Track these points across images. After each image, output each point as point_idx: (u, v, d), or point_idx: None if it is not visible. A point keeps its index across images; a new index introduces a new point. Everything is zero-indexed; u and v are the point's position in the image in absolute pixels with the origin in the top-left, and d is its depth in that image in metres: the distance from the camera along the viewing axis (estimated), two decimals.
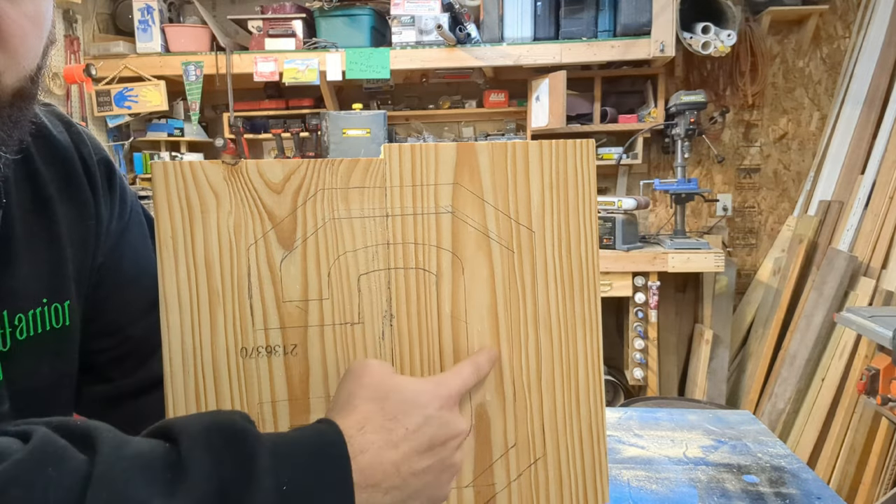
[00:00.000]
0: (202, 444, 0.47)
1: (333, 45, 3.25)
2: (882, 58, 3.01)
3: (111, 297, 0.76)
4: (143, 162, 3.51)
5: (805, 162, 3.51)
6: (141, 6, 3.30)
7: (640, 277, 2.95)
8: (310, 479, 0.49)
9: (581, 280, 0.63)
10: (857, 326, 2.00)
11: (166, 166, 0.57)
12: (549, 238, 0.62)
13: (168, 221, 0.57)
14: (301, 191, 0.58)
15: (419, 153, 0.60)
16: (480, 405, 0.62)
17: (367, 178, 0.59)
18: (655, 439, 1.22)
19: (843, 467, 2.42)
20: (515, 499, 0.63)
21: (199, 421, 0.49)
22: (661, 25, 3.01)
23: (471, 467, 0.62)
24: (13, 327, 0.64)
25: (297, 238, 0.58)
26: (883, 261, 2.60)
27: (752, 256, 3.59)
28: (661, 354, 3.23)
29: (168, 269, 0.57)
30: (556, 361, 0.63)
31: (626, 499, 1.00)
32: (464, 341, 0.61)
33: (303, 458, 0.49)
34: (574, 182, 0.62)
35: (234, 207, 0.57)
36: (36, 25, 0.55)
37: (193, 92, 3.31)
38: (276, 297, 0.58)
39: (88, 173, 0.73)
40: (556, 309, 0.63)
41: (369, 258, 0.60)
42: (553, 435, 0.63)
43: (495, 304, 0.62)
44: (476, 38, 3.16)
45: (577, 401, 0.64)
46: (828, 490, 1.03)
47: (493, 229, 0.61)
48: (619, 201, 3.06)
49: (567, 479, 0.64)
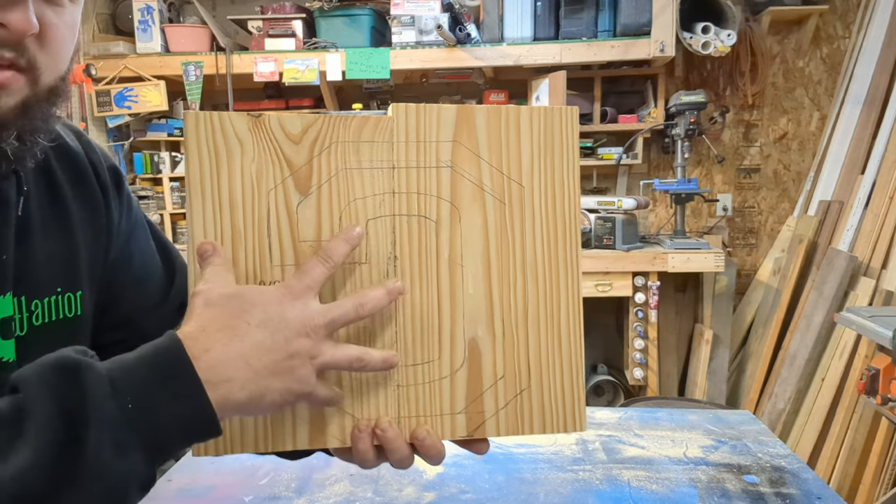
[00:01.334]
0: (38, 386, 0.50)
1: (333, 46, 3.25)
2: (882, 58, 3.01)
3: (124, 293, 0.81)
4: (143, 162, 3.51)
5: (805, 162, 3.51)
6: (141, 6, 3.30)
7: (640, 277, 2.95)
8: (153, 389, 0.52)
9: (564, 230, 0.70)
10: (857, 326, 2.00)
11: (198, 116, 0.62)
12: (537, 192, 0.69)
13: (197, 165, 0.62)
14: (317, 142, 0.64)
15: (423, 113, 0.66)
16: (472, 340, 0.68)
17: (377, 134, 0.66)
18: (656, 439, 1.22)
19: (843, 467, 2.42)
20: (503, 425, 0.69)
21: (36, 366, 0.52)
22: (661, 25, 3.01)
23: (463, 396, 0.68)
24: (30, 312, 0.68)
25: (313, 185, 0.64)
26: (883, 261, 2.60)
27: (752, 256, 3.59)
28: (661, 354, 3.23)
29: (196, 209, 0.62)
30: (540, 302, 0.69)
31: (626, 499, 1.00)
32: (459, 282, 0.68)
33: (142, 371, 0.52)
34: (560, 143, 0.70)
35: (257, 155, 0.63)
36: (72, 33, 0.64)
37: (193, 92, 3.31)
38: (293, 237, 0.64)
39: (98, 177, 0.79)
40: (542, 255, 0.69)
41: (377, 205, 0.66)
42: (537, 368, 0.69)
43: (488, 249, 0.68)
44: (476, 38, 3.16)
45: (559, 338, 0.70)
46: (828, 490, 1.03)
47: (488, 183, 0.68)
48: (619, 201, 3.06)
49: (549, 408, 0.70)
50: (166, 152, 3.51)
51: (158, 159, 3.49)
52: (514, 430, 0.69)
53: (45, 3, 0.61)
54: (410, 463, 0.67)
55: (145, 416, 0.51)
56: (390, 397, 0.66)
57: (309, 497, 1.03)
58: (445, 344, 0.68)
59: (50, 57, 0.62)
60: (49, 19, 0.61)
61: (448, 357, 0.68)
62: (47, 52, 0.62)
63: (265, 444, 0.64)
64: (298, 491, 1.04)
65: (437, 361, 0.67)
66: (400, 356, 0.66)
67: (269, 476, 1.09)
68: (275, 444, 0.64)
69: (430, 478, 1.08)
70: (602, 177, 3.59)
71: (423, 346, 0.67)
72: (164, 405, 0.52)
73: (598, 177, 3.57)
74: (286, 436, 0.64)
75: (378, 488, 1.05)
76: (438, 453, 0.67)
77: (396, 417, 0.66)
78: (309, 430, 0.65)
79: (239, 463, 1.13)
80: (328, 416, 0.65)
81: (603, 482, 1.06)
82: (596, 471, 1.10)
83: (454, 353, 0.68)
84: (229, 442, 0.63)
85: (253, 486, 1.06)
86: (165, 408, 0.52)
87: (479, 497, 1.02)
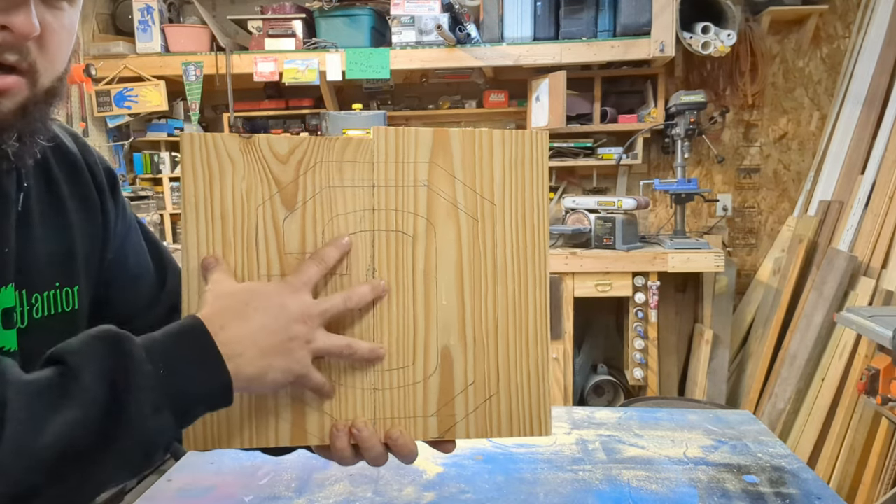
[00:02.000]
0: (85, 353, 0.57)
1: (333, 46, 3.25)
2: (882, 58, 3.01)
3: (119, 293, 0.84)
4: (142, 162, 3.51)
5: (805, 162, 3.51)
6: (141, 6, 3.30)
7: (640, 277, 2.95)
8: (181, 358, 0.59)
9: (533, 244, 0.74)
10: (857, 326, 2.00)
11: (193, 137, 0.68)
12: (508, 210, 0.74)
13: (192, 182, 0.68)
14: (303, 162, 0.69)
15: (402, 136, 0.72)
16: (445, 348, 0.73)
17: (359, 154, 0.71)
18: (656, 439, 1.22)
19: (843, 467, 2.42)
20: (472, 428, 0.73)
21: (79, 338, 0.59)
22: (661, 25, 3.01)
23: (435, 400, 0.73)
24: (30, 305, 0.71)
25: (299, 201, 0.70)
26: (883, 261, 2.60)
27: (752, 256, 3.59)
28: (661, 354, 3.24)
29: (190, 221, 0.68)
30: (510, 312, 0.74)
31: (626, 499, 1.00)
32: (433, 293, 0.72)
33: (170, 343, 0.60)
34: (529, 165, 0.74)
35: (247, 173, 0.69)
36: (70, 35, 0.66)
37: (193, 92, 3.31)
38: (279, 249, 0.69)
39: (95, 179, 0.81)
40: (512, 268, 0.74)
41: (357, 220, 0.71)
42: (506, 375, 0.74)
43: (461, 262, 0.73)
44: (476, 38, 3.16)
45: (527, 346, 0.74)
46: (828, 490, 1.03)
47: (462, 201, 0.73)
48: (619, 201, 3.06)
49: (516, 413, 0.74)
50: (166, 152, 3.51)
51: (158, 159, 3.49)
52: (482, 433, 0.74)
53: (45, 7, 0.62)
54: (384, 461, 0.72)
55: (175, 382, 0.58)
56: (367, 400, 0.71)
57: (309, 497, 1.03)
58: (420, 351, 0.72)
59: (49, 59, 0.64)
60: (48, 22, 0.62)
61: (422, 363, 0.72)
62: (46, 54, 0.63)
63: (251, 440, 0.69)
64: (298, 491, 1.04)
65: (412, 367, 0.72)
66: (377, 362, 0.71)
67: (270, 476, 1.09)
68: (259, 440, 0.69)
69: (430, 478, 1.08)
70: (602, 177, 3.59)
71: (399, 352, 0.72)
72: (191, 372, 0.59)
73: (598, 177, 3.57)
74: (270, 433, 0.69)
75: (378, 488, 1.05)
76: (411, 452, 0.72)
77: (372, 418, 0.71)
78: (291, 429, 0.70)
79: (239, 463, 1.14)
80: (309, 416, 0.70)
81: (603, 482, 1.06)
82: (596, 471, 1.10)
83: (427, 360, 0.72)
84: (217, 437, 0.68)
85: (253, 486, 1.06)
86: (191, 375, 0.59)
87: (479, 497, 1.02)
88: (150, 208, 3.33)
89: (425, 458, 1.16)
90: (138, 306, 0.85)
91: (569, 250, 3.03)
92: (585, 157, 3.42)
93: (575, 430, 1.27)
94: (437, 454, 1.17)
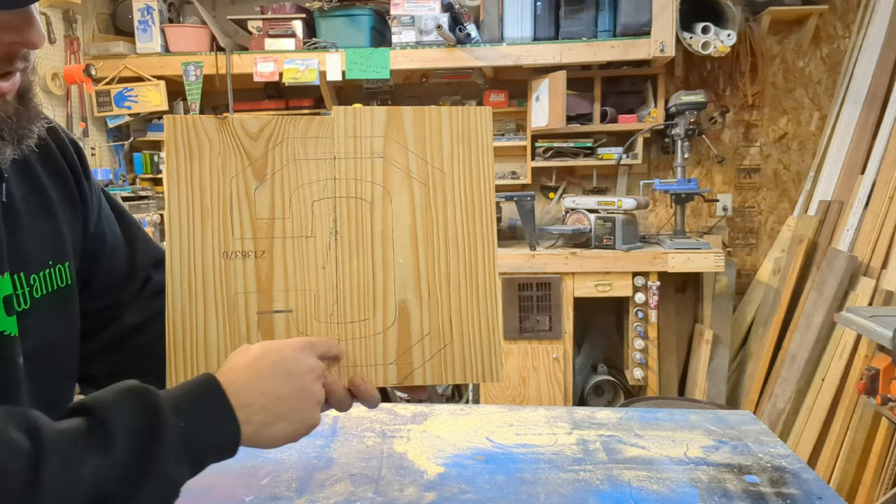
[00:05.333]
0: (114, 407, 0.62)
1: (333, 46, 3.25)
2: (882, 58, 3.01)
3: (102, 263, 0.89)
4: (142, 162, 3.51)
5: (805, 162, 3.51)
6: (141, 6, 3.30)
7: (640, 277, 2.95)
8: (199, 411, 0.66)
9: (480, 208, 0.81)
10: (857, 326, 2.00)
11: (175, 119, 0.78)
12: (457, 177, 0.81)
13: (174, 158, 0.77)
14: (272, 138, 0.79)
15: (359, 113, 0.80)
16: (402, 302, 0.80)
17: (321, 130, 0.79)
18: (656, 439, 1.22)
19: (843, 467, 2.42)
20: (428, 374, 0.81)
21: (108, 392, 0.64)
22: (661, 25, 3.01)
23: (394, 349, 0.80)
24: (30, 286, 0.75)
25: (268, 173, 0.78)
26: (883, 261, 2.60)
27: (752, 256, 3.59)
28: (661, 354, 3.24)
29: (172, 193, 0.77)
30: (461, 268, 0.81)
31: (627, 499, 1.00)
32: (391, 252, 0.80)
33: (190, 396, 0.66)
34: (476, 137, 0.82)
35: (223, 149, 0.78)
36: None
37: (193, 92, 3.31)
38: (251, 215, 0.78)
39: (66, 157, 0.85)
40: (461, 229, 0.81)
41: (321, 189, 0.79)
42: (458, 326, 0.81)
43: (415, 225, 0.80)
44: (476, 38, 3.16)
45: (477, 300, 0.81)
46: (829, 490, 1.03)
47: (414, 170, 0.80)
48: (619, 201, 3.06)
49: (469, 360, 0.81)
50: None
51: (158, 159, 3.49)
52: (438, 379, 0.81)
53: None
54: (348, 406, 0.79)
55: (193, 435, 0.65)
56: None
57: (310, 497, 1.03)
58: (379, 305, 0.80)
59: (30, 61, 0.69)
60: None
61: (381, 316, 0.80)
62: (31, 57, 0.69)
63: None
64: (299, 491, 1.04)
65: (372, 320, 0.80)
66: (340, 315, 0.79)
67: (270, 476, 1.09)
68: None
69: (430, 478, 1.08)
70: (602, 177, 3.59)
71: (360, 306, 0.80)
72: (208, 428, 0.66)
73: (598, 177, 3.57)
74: None
75: (379, 488, 1.05)
76: (372, 397, 0.80)
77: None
78: None
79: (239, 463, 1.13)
80: None
81: (604, 482, 1.06)
82: (597, 471, 1.10)
83: (386, 313, 0.80)
84: (197, 366, 0.77)
85: (253, 486, 1.06)
86: (208, 429, 0.66)
87: (480, 497, 1.02)
88: (150, 208, 3.32)
89: (426, 459, 1.16)
90: (117, 277, 0.91)
91: (569, 250, 3.03)
92: (585, 157, 3.42)
93: (576, 430, 1.27)
94: (437, 454, 1.18)
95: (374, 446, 1.19)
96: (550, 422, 1.32)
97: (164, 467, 0.62)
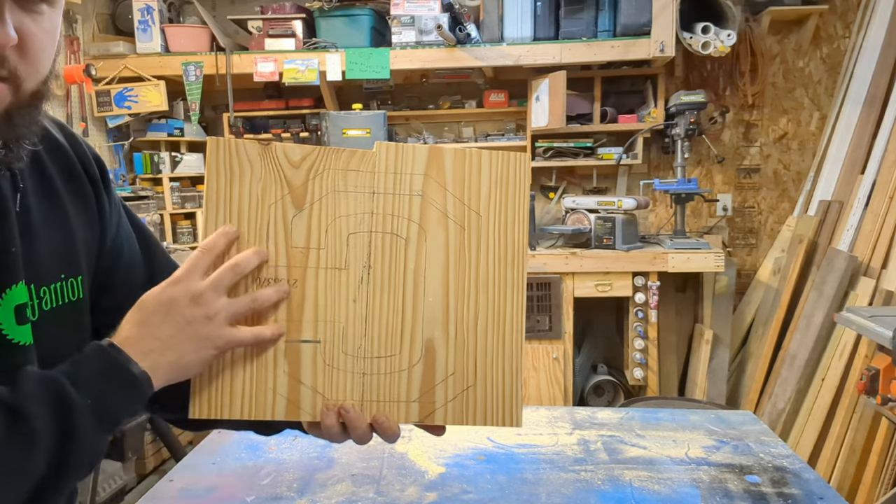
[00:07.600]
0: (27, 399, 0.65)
1: (333, 46, 3.25)
2: (882, 58, 3.01)
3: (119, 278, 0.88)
4: (142, 162, 3.51)
5: (805, 162, 3.51)
6: (141, 6, 3.29)
7: (640, 277, 2.95)
8: (102, 384, 0.68)
9: (513, 253, 0.81)
10: (857, 326, 2.00)
11: (218, 141, 0.77)
12: (492, 221, 0.81)
13: (215, 181, 0.77)
14: (313, 168, 0.78)
15: (401, 150, 0.80)
16: (429, 340, 0.80)
17: (362, 164, 0.79)
18: (657, 440, 1.22)
19: (843, 467, 2.42)
20: (450, 415, 0.80)
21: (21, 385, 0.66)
22: (661, 25, 3.01)
23: (418, 387, 0.80)
24: (39, 298, 0.75)
25: (307, 202, 0.78)
26: (883, 261, 2.60)
27: (752, 256, 3.59)
28: (661, 354, 3.24)
29: (211, 216, 0.77)
30: (489, 312, 0.81)
31: (628, 499, 1.00)
32: (421, 290, 0.80)
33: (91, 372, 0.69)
34: (513, 183, 0.81)
35: (263, 175, 0.77)
36: (51, 38, 0.67)
37: (193, 92, 3.31)
38: (287, 243, 0.78)
39: (87, 171, 0.84)
40: (493, 273, 0.81)
41: (357, 222, 0.79)
42: (483, 369, 0.81)
43: (447, 265, 0.80)
44: (476, 38, 3.16)
45: (503, 344, 0.81)
46: (830, 490, 1.03)
47: (451, 211, 0.80)
48: (619, 201, 3.06)
49: (490, 404, 0.81)
50: (166, 152, 3.50)
51: (158, 159, 3.49)
52: (459, 420, 0.81)
53: (23, 13, 0.63)
54: (369, 440, 0.79)
55: (104, 408, 0.68)
56: (356, 383, 0.79)
57: (311, 497, 1.03)
58: (406, 342, 0.79)
59: (30, 65, 0.65)
60: (27, 28, 0.63)
61: (407, 353, 0.79)
62: (27, 60, 0.64)
63: (250, 412, 0.77)
64: (300, 491, 1.04)
65: (398, 356, 0.79)
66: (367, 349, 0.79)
67: (271, 476, 1.09)
68: (257, 412, 0.77)
69: (432, 478, 1.08)
70: (602, 177, 3.59)
71: (388, 342, 0.79)
72: (113, 394, 0.68)
73: (598, 177, 3.57)
74: (267, 406, 0.77)
75: (380, 488, 1.05)
76: (393, 433, 0.79)
77: (360, 400, 0.79)
78: (286, 404, 0.77)
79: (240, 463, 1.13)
80: (303, 394, 0.78)
81: (605, 482, 1.06)
82: (598, 471, 1.10)
83: (413, 350, 0.80)
84: (220, 406, 0.76)
85: (255, 486, 1.06)
86: (115, 396, 0.68)
87: (481, 497, 1.02)
88: (150, 208, 3.32)
89: (427, 459, 1.16)
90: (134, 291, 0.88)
91: (569, 250, 3.03)
92: (585, 157, 3.42)
93: (577, 431, 1.27)
94: (438, 454, 1.17)
95: (375, 446, 1.19)
96: (551, 422, 1.32)
97: (85, 444, 0.67)
